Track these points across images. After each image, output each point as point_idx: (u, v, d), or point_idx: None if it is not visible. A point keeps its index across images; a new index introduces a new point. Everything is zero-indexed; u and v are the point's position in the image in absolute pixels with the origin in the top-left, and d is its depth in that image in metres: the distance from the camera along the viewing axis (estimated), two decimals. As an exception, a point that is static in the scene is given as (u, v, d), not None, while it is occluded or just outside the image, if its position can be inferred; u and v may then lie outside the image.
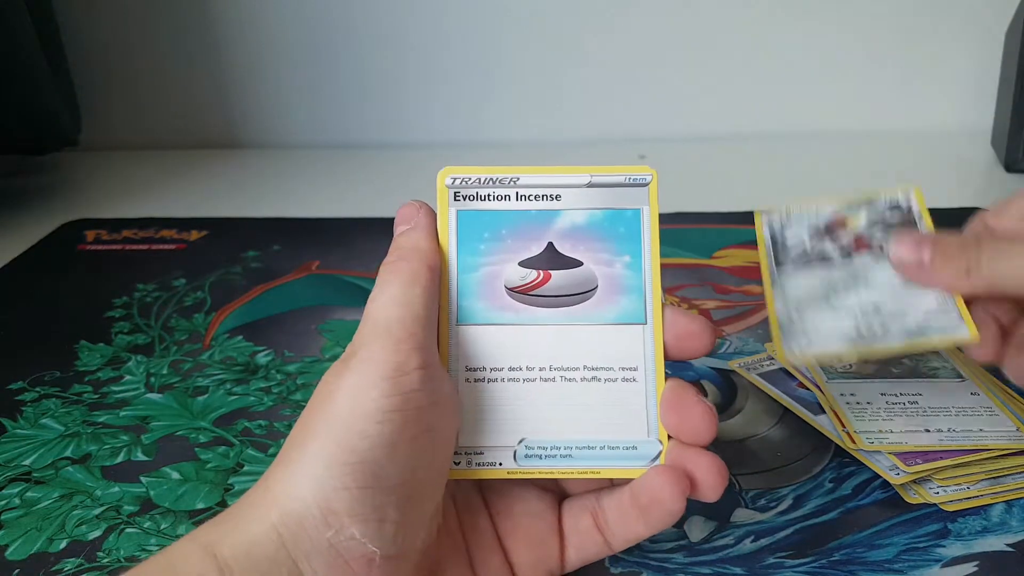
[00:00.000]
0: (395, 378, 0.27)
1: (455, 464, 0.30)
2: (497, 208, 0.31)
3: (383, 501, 0.26)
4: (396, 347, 0.27)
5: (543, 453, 0.31)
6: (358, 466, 0.25)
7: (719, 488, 0.29)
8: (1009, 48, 0.67)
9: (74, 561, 0.35)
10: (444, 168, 0.32)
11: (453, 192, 0.31)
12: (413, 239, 0.30)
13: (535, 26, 0.81)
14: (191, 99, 0.86)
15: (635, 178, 0.31)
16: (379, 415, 0.26)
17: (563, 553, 0.31)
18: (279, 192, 0.75)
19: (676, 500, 0.29)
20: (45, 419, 0.44)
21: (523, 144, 0.84)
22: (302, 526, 0.25)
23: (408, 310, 0.28)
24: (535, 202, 0.31)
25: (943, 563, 0.33)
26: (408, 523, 0.27)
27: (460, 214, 0.31)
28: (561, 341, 0.31)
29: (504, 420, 0.31)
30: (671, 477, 0.29)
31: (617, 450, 0.30)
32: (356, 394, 0.26)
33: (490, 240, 0.31)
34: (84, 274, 0.60)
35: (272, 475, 0.26)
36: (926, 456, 0.37)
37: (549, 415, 0.31)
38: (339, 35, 0.82)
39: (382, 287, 0.29)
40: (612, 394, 0.31)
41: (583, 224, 0.31)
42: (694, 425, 0.30)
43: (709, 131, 0.82)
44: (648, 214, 0.31)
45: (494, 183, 0.31)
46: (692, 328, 0.30)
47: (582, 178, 0.31)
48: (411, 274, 0.29)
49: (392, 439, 0.26)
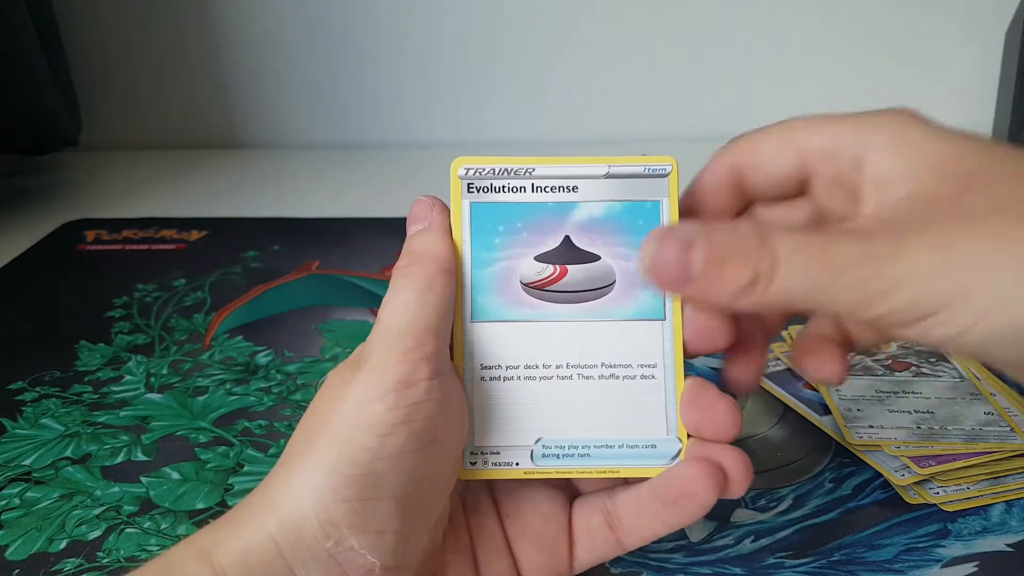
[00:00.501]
0: (401, 391, 0.26)
1: (471, 464, 0.30)
2: (512, 200, 0.31)
3: (384, 513, 0.25)
4: (404, 356, 0.26)
5: (560, 452, 0.30)
6: (359, 478, 0.25)
7: (746, 483, 0.29)
8: (1009, 48, 0.67)
9: (74, 561, 0.35)
10: (458, 158, 0.30)
11: (467, 183, 0.30)
12: (427, 241, 0.29)
13: (535, 26, 0.81)
14: (191, 99, 0.86)
15: (654, 168, 0.30)
16: (383, 428, 0.25)
17: (572, 554, 0.31)
18: (279, 192, 0.75)
19: (710, 492, 0.28)
20: (45, 419, 0.44)
21: (523, 144, 0.84)
22: (300, 536, 0.25)
23: (420, 319, 0.27)
24: (551, 194, 0.31)
25: (943, 563, 0.33)
26: (410, 533, 0.26)
27: (474, 207, 0.30)
28: (578, 338, 0.30)
29: (521, 419, 0.30)
30: (705, 469, 0.28)
31: (636, 448, 0.30)
32: (361, 405, 0.26)
33: (505, 234, 0.30)
34: (84, 274, 0.60)
35: (272, 481, 0.26)
36: (939, 458, 0.37)
37: (566, 413, 0.30)
38: (339, 35, 0.82)
39: (395, 292, 0.28)
40: (630, 392, 0.30)
41: (601, 216, 0.30)
42: (717, 421, 0.29)
43: (709, 131, 0.81)
44: (667, 206, 0.30)
45: (509, 174, 0.30)
46: (711, 324, 0.29)
47: (600, 168, 0.30)
48: (426, 279, 0.28)
49: (396, 451, 0.25)
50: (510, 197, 0.31)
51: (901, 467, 0.37)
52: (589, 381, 0.30)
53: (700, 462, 0.29)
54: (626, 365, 0.30)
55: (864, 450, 0.38)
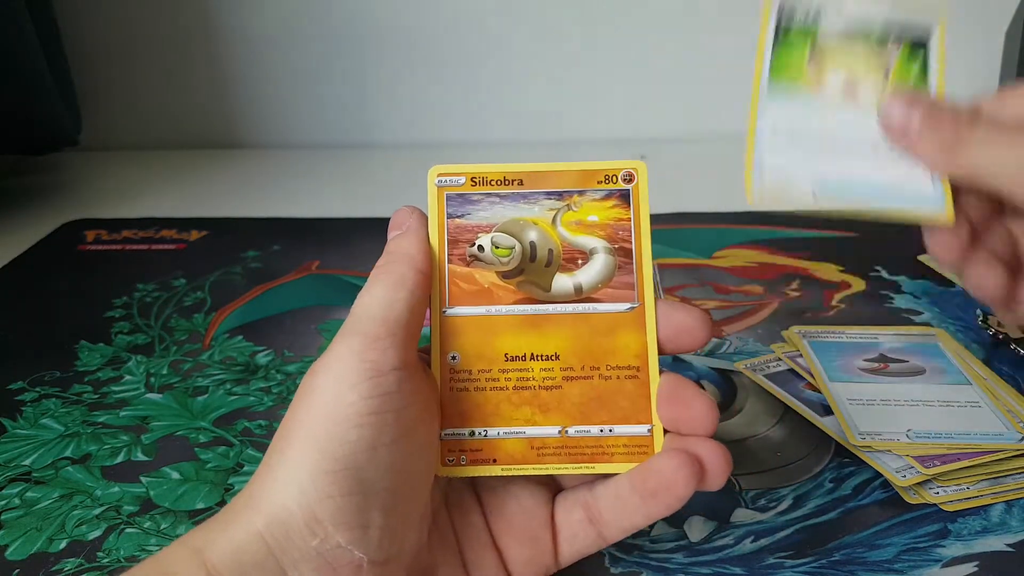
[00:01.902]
0: (373, 379, 0.27)
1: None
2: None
3: (367, 507, 0.26)
4: (373, 343, 0.27)
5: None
6: (340, 473, 0.26)
7: (724, 475, 0.29)
8: (1009, 48, 0.67)
9: (74, 561, 0.35)
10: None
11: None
12: (403, 244, 0.31)
13: (535, 26, 0.81)
14: (191, 99, 0.86)
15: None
16: (358, 419, 0.26)
17: (556, 548, 0.31)
18: (279, 192, 0.75)
19: (687, 484, 0.28)
20: (45, 419, 0.44)
21: (523, 144, 0.84)
22: (288, 535, 0.25)
23: (390, 311, 0.28)
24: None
25: (943, 563, 0.33)
26: (394, 528, 0.27)
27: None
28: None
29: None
30: (682, 460, 0.29)
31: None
32: (334, 396, 0.27)
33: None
34: (84, 274, 0.60)
35: (258, 480, 0.27)
36: (944, 458, 0.37)
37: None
38: (339, 35, 0.82)
39: (369, 287, 0.29)
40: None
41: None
42: (695, 417, 0.29)
43: (709, 131, 0.81)
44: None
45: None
46: (688, 322, 0.30)
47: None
48: (398, 276, 0.29)
49: (372, 443, 0.26)
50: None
51: (904, 467, 0.37)
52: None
53: (677, 453, 0.29)
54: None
55: (867, 451, 0.38)
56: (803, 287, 0.53)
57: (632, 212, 0.31)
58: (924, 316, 0.49)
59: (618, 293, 0.31)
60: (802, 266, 0.56)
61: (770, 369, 0.44)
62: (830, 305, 0.51)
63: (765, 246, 0.59)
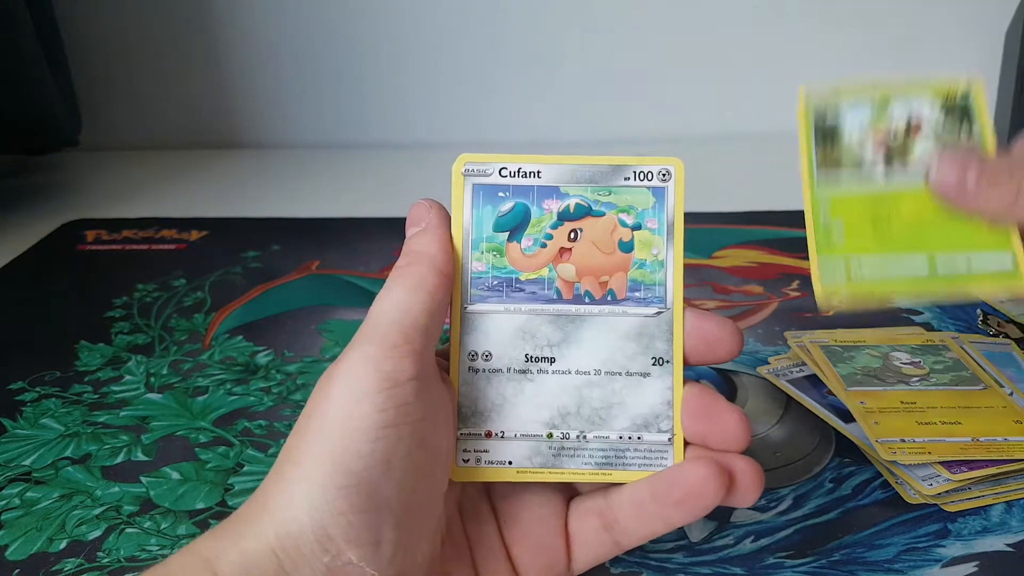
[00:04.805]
0: (388, 390, 0.26)
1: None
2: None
3: (380, 523, 0.25)
4: (390, 351, 0.26)
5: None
6: (354, 489, 0.25)
7: (757, 491, 0.28)
8: (1009, 48, 0.67)
9: (74, 561, 0.35)
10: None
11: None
12: (423, 243, 0.29)
13: (536, 26, 0.81)
14: (191, 99, 0.86)
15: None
16: (373, 432, 0.25)
17: (570, 557, 0.31)
18: (279, 192, 0.75)
19: (716, 493, 0.28)
20: (45, 419, 0.44)
21: (523, 144, 0.84)
22: (299, 551, 0.25)
23: (408, 316, 0.27)
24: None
25: (943, 563, 0.33)
26: (406, 542, 0.26)
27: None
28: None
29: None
30: (712, 470, 0.28)
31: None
32: (349, 407, 0.26)
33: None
34: (84, 274, 0.60)
35: (269, 489, 0.26)
36: (971, 465, 0.36)
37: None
38: (339, 35, 0.82)
39: (387, 290, 0.28)
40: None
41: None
42: (728, 432, 0.29)
43: (709, 131, 0.82)
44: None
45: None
46: (719, 333, 0.29)
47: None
48: (418, 279, 0.28)
49: (387, 457, 0.25)
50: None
51: (931, 476, 0.36)
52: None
53: (707, 462, 0.28)
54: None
55: (896, 463, 0.37)
56: (803, 287, 0.53)
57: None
58: (924, 316, 0.49)
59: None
60: (802, 266, 0.56)
61: (792, 375, 0.44)
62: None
63: (765, 246, 0.59)
